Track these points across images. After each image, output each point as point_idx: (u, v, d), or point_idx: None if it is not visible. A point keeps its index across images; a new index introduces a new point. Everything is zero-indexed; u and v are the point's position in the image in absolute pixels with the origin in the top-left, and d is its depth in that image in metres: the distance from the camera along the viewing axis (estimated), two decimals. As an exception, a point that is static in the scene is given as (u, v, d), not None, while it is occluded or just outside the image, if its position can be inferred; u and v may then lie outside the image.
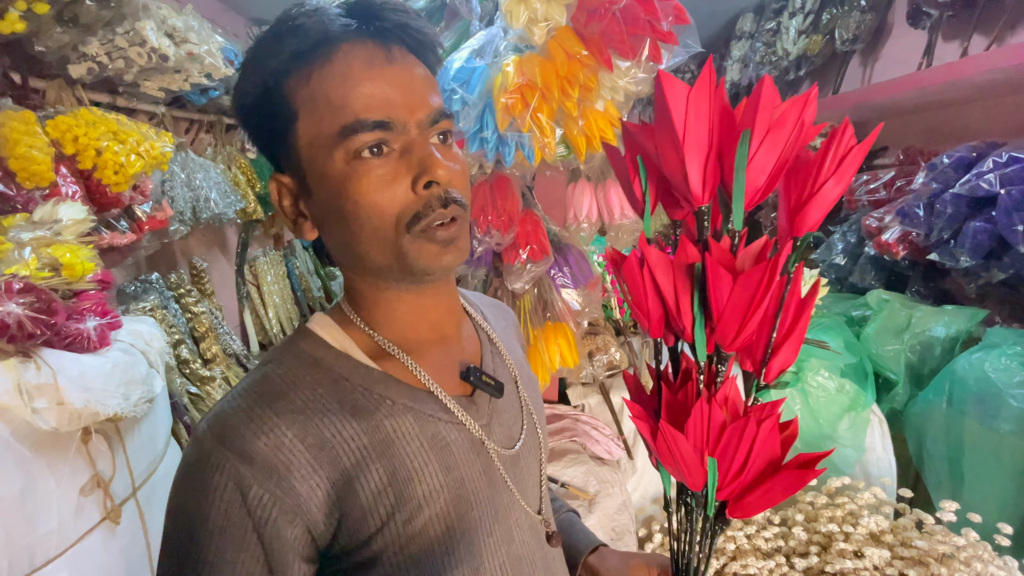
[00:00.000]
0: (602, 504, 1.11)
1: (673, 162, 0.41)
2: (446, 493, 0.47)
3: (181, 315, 2.04)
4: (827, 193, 0.40)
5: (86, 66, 1.49)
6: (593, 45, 0.85)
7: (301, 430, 0.43)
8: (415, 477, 0.46)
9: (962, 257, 1.35)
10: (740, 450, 0.43)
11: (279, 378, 0.46)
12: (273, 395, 0.44)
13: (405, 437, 0.46)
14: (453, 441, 0.49)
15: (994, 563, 0.97)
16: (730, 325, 0.42)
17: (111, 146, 1.37)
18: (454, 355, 0.54)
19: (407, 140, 0.44)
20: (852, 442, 1.32)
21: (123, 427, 1.08)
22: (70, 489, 0.96)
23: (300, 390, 0.45)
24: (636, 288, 0.45)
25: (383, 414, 0.46)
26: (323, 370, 0.47)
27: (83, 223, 1.17)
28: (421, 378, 0.49)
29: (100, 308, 1.05)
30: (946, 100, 1.72)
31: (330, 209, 0.45)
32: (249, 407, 0.43)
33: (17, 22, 1.21)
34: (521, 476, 0.55)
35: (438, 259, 0.46)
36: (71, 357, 0.95)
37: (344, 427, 0.44)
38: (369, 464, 0.44)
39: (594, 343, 1.40)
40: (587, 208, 1.20)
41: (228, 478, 0.40)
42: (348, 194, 0.43)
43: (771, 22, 2.46)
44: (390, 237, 0.44)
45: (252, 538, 0.40)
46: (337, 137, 0.43)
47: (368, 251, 0.46)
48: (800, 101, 0.39)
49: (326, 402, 0.45)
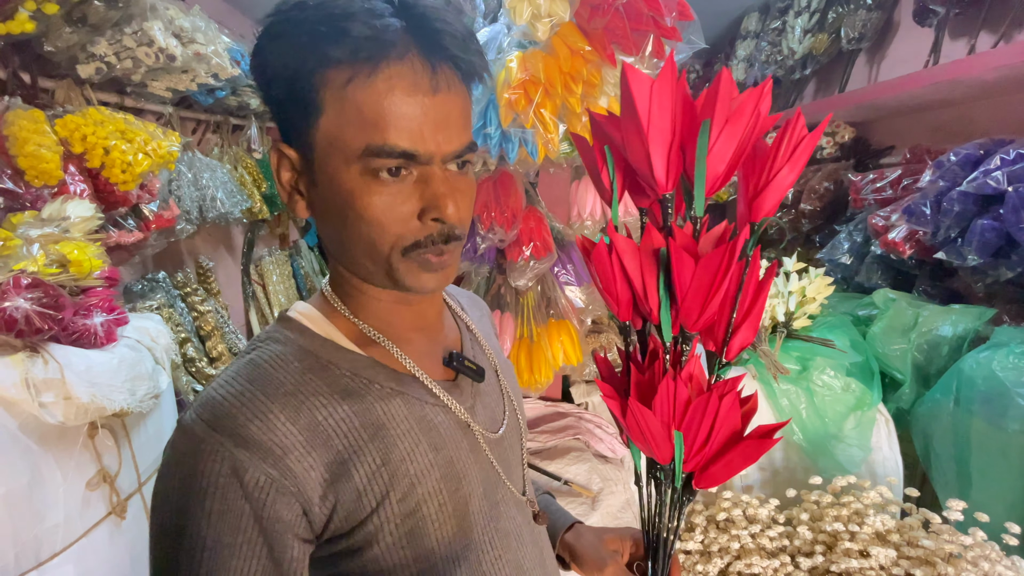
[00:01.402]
0: (605, 502, 1.10)
1: (638, 151, 0.43)
2: (436, 471, 0.48)
3: (187, 313, 2.06)
4: (782, 180, 0.43)
5: (94, 66, 1.50)
6: (596, 41, 0.85)
7: (293, 412, 0.43)
8: (407, 457, 0.46)
9: (969, 255, 1.34)
10: (704, 424, 0.46)
11: (267, 363, 0.45)
12: (262, 379, 0.44)
13: (395, 419, 0.47)
14: (440, 423, 0.50)
15: (1002, 563, 0.96)
16: (693, 307, 0.44)
17: (119, 145, 1.38)
18: (436, 343, 0.55)
19: (427, 171, 0.44)
20: (858, 441, 1.31)
21: (129, 422, 1.08)
22: (76, 483, 0.97)
23: (289, 374, 0.45)
24: (605, 273, 0.47)
25: (373, 397, 0.47)
26: (310, 356, 0.47)
27: (91, 221, 1.18)
28: (406, 364, 0.50)
29: (107, 304, 1.06)
30: (953, 98, 1.71)
31: (332, 208, 0.45)
32: (239, 392, 0.43)
33: (27, 22, 1.22)
34: (506, 457, 0.56)
35: (424, 283, 0.46)
36: (78, 352, 0.96)
37: (335, 409, 0.45)
38: (362, 446, 0.44)
39: (598, 341, 1.40)
40: (590, 206, 1.19)
41: (223, 463, 0.40)
42: (354, 205, 0.43)
43: (776, 21, 2.45)
44: (383, 253, 0.45)
45: (250, 521, 0.40)
46: (360, 153, 0.42)
47: (359, 257, 0.46)
48: (756, 93, 0.41)
49: (316, 385, 0.45)
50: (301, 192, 0.47)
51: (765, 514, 1.15)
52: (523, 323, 1.13)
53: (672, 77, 0.41)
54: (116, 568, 1.04)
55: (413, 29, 0.42)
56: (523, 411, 0.64)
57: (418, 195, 0.44)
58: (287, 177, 0.47)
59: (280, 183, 0.48)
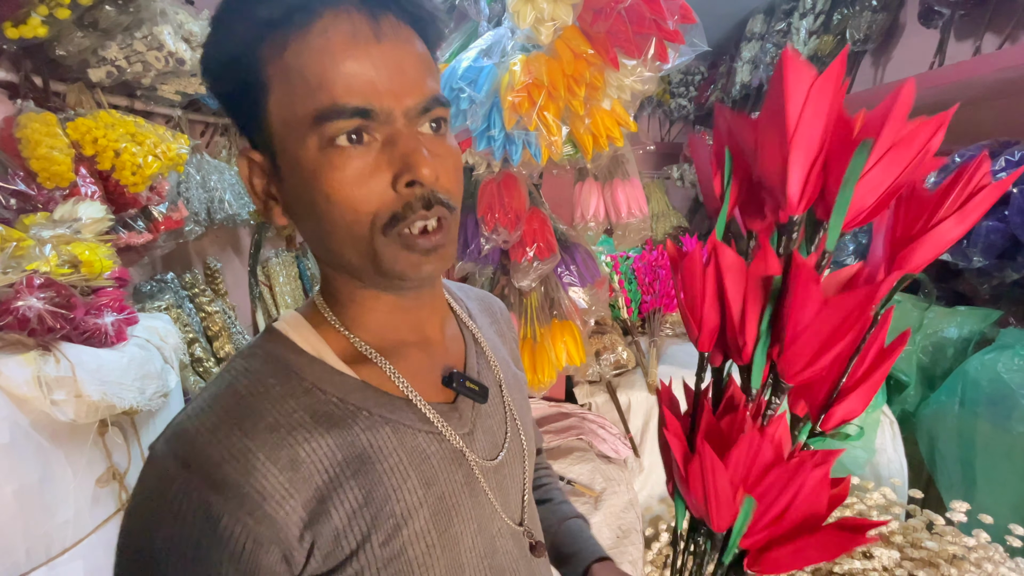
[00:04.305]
0: (608, 502, 1.11)
1: (773, 160, 0.35)
2: (426, 510, 0.43)
3: (195, 314, 2.08)
4: (944, 233, 0.34)
5: (105, 70, 1.53)
6: (599, 44, 0.86)
7: (273, 450, 0.38)
8: (393, 495, 0.42)
9: (975, 257, 1.34)
10: (783, 496, 0.38)
11: (246, 390, 0.41)
12: (241, 411, 0.40)
13: (382, 452, 0.43)
14: (433, 453, 0.45)
15: (1005, 564, 0.96)
16: (801, 354, 0.36)
17: (129, 147, 1.40)
18: (436, 358, 0.50)
19: (392, 131, 0.39)
20: (862, 443, 1.31)
21: (138, 420, 1.10)
22: (87, 480, 0.98)
23: (270, 403, 0.40)
24: (694, 289, 0.39)
25: (360, 427, 0.42)
26: (294, 378, 0.42)
27: (102, 222, 1.20)
28: (400, 385, 0.45)
29: (117, 304, 1.08)
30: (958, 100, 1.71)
31: (302, 199, 0.41)
32: (215, 426, 0.39)
33: (39, 27, 1.24)
34: (504, 485, 0.52)
35: (417, 268, 0.41)
36: (89, 351, 0.98)
37: (319, 443, 0.40)
38: (343, 483, 0.40)
39: (601, 342, 1.40)
40: (594, 207, 1.20)
41: (196, 506, 0.36)
42: (320, 186, 0.39)
43: (781, 23, 2.45)
44: (364, 236, 0.40)
45: (227, 569, 0.36)
46: (311, 122, 0.38)
47: (341, 249, 0.41)
48: (932, 123, 0.33)
49: (299, 416, 0.41)
50: (274, 197, 0.43)
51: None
52: (527, 323, 1.14)
53: (838, 78, 0.33)
54: (125, 564, 1.05)
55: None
56: (529, 430, 0.59)
57: (387, 160, 0.39)
58: (259, 185, 0.43)
59: (254, 193, 0.44)
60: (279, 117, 0.39)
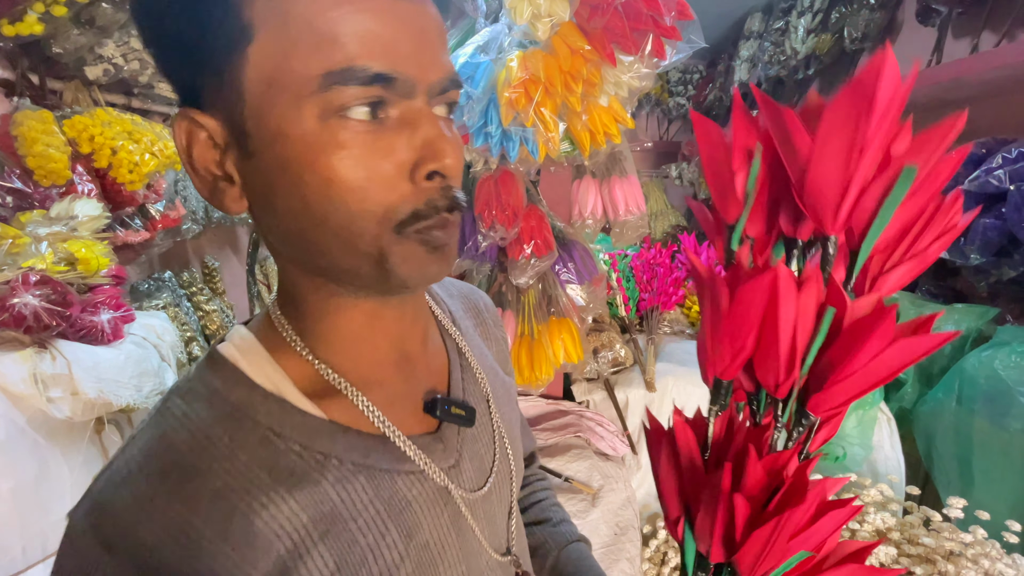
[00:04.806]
0: (606, 499, 1.11)
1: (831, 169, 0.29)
2: (408, 564, 0.37)
3: (193, 313, 2.08)
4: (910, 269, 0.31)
5: (102, 67, 1.52)
6: (596, 40, 0.86)
7: (222, 524, 0.31)
8: (370, 555, 0.36)
9: (972, 255, 1.34)
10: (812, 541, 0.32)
11: (186, 445, 0.33)
12: (180, 473, 0.32)
13: (356, 507, 0.36)
14: (415, 498, 0.39)
15: (1002, 561, 0.96)
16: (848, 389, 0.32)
17: (126, 145, 1.40)
18: (417, 379, 0.43)
19: (409, 108, 0.32)
20: (859, 440, 1.31)
21: (135, 418, 1.10)
22: (83, 477, 0.98)
23: (217, 461, 0.32)
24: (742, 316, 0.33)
25: (329, 481, 0.35)
26: (247, 424, 0.34)
27: (98, 220, 1.20)
28: (375, 420, 0.38)
29: (114, 302, 1.08)
30: (955, 98, 1.71)
31: (281, 181, 0.32)
32: (148, 495, 0.31)
33: (35, 24, 1.24)
34: (491, 514, 0.46)
35: (424, 269, 0.35)
36: (85, 349, 0.98)
37: (280, 507, 0.33)
38: (310, 550, 0.33)
39: (599, 340, 1.40)
40: (592, 205, 1.20)
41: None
42: (316, 166, 0.31)
43: (779, 21, 2.45)
44: (368, 233, 0.32)
45: None
46: (317, 83, 0.29)
47: (330, 247, 0.33)
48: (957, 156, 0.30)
49: (253, 474, 0.33)
50: (229, 176, 0.33)
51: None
52: (524, 321, 1.14)
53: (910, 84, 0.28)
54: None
55: None
56: (517, 445, 0.52)
57: (405, 144, 0.32)
58: (205, 158, 0.33)
59: (193, 169, 0.33)
60: (262, 72, 0.30)
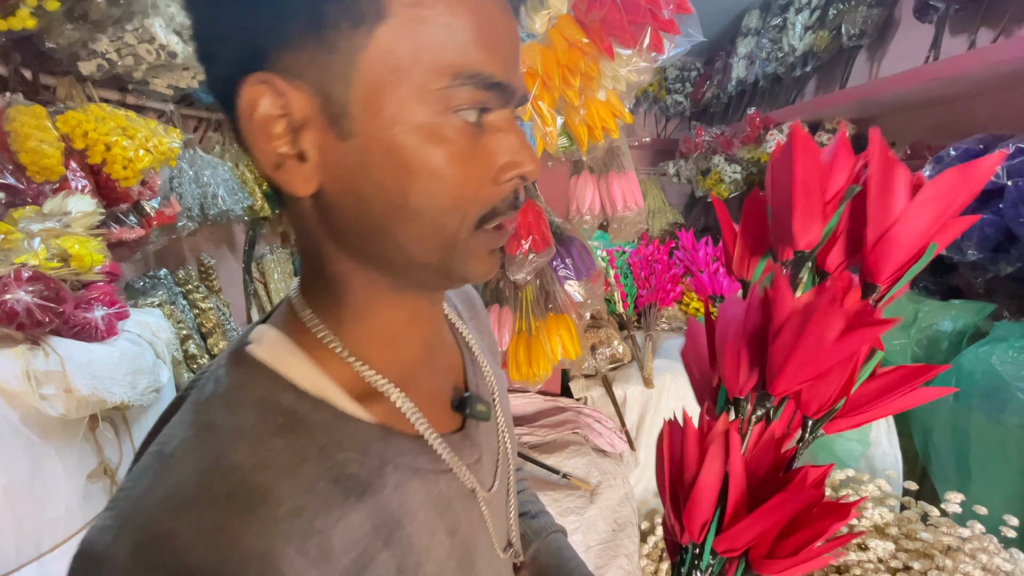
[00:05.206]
0: (604, 496, 1.11)
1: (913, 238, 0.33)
2: (452, 562, 0.38)
3: (189, 311, 2.06)
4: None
5: (96, 63, 1.51)
6: (594, 33, 0.86)
7: (302, 541, 0.29)
8: (424, 556, 0.36)
9: (969, 250, 1.34)
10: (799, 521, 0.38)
11: (247, 462, 0.30)
12: (249, 496, 0.29)
13: (412, 510, 0.36)
14: (452, 495, 0.39)
15: (1000, 555, 0.96)
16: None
17: (120, 141, 1.39)
18: (442, 378, 0.44)
19: (504, 116, 0.34)
20: (857, 436, 1.31)
21: (130, 416, 1.09)
22: (77, 475, 0.97)
23: (283, 478, 0.30)
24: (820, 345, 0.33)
25: (389, 488, 0.34)
26: (302, 434, 0.32)
27: (92, 216, 1.19)
28: (415, 421, 0.38)
29: (108, 298, 1.07)
30: (953, 94, 1.71)
31: (381, 166, 0.31)
32: (219, 524, 0.27)
33: (28, 19, 1.23)
34: (499, 510, 0.46)
35: (484, 267, 0.36)
36: (79, 345, 0.97)
37: (351, 519, 0.32)
38: (375, 557, 0.33)
39: (597, 336, 1.40)
40: (589, 200, 1.20)
41: None
42: (425, 156, 0.30)
43: (777, 18, 2.45)
44: (451, 227, 0.33)
45: None
46: (445, 80, 0.30)
47: (410, 237, 0.33)
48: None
49: (322, 488, 0.31)
50: (301, 154, 0.31)
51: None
52: (522, 317, 1.13)
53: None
54: (117, 560, 1.05)
55: None
56: (514, 438, 0.53)
57: (498, 147, 0.33)
58: (276, 130, 0.30)
59: (256, 142, 0.31)
60: (388, 56, 0.29)
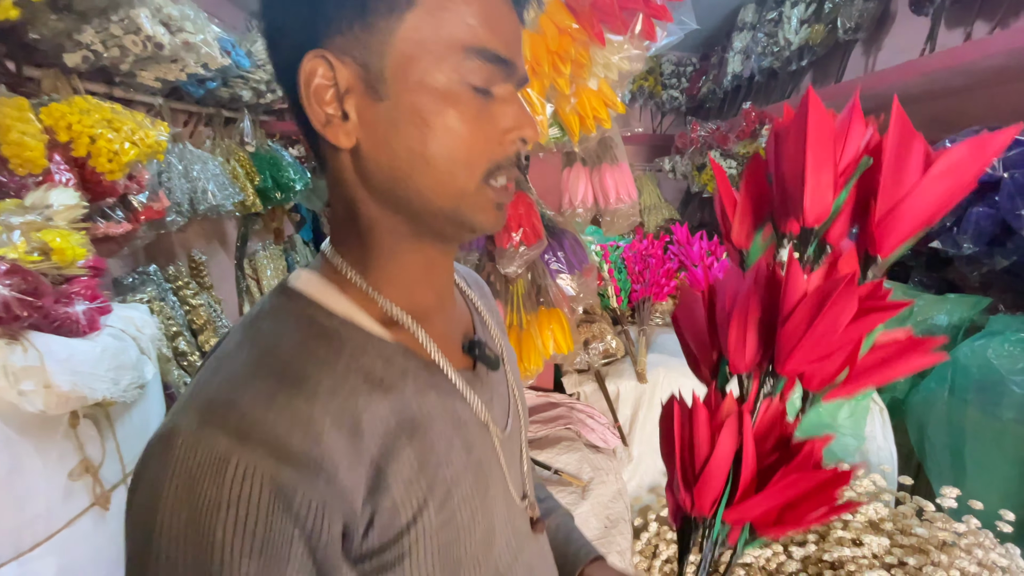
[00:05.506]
0: (596, 492, 1.09)
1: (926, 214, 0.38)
2: (470, 475, 0.44)
3: (179, 307, 2.04)
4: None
5: (81, 54, 1.49)
6: (584, 19, 0.84)
7: (337, 417, 0.36)
8: (444, 460, 0.41)
9: (965, 244, 1.33)
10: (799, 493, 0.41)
11: (289, 354, 0.38)
12: (293, 375, 0.37)
13: (431, 416, 0.42)
14: (468, 419, 0.45)
15: (996, 550, 0.95)
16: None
17: (104, 134, 1.36)
18: (455, 325, 0.50)
19: (508, 89, 0.41)
20: (852, 431, 1.30)
21: (113, 412, 1.07)
22: (58, 473, 0.95)
23: (319, 367, 0.38)
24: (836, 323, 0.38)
25: (410, 391, 0.41)
26: (334, 341, 0.40)
27: (75, 209, 1.17)
28: (431, 351, 0.44)
29: (90, 293, 1.04)
30: (949, 88, 1.70)
31: (408, 124, 0.38)
32: (270, 393, 0.35)
33: (11, 8, 1.20)
34: (513, 456, 0.52)
35: (490, 220, 0.42)
36: (59, 340, 0.94)
37: (377, 409, 0.39)
38: (400, 450, 0.39)
39: (590, 331, 1.39)
40: (582, 193, 1.18)
41: (263, 486, 0.33)
42: (445, 116, 0.38)
43: (773, 12, 2.44)
44: (462, 178, 0.39)
45: (300, 547, 0.34)
46: (459, 53, 0.38)
47: (431, 187, 0.40)
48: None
49: (353, 379, 0.39)
50: (346, 113, 0.39)
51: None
52: (513, 311, 1.12)
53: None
54: (101, 559, 1.03)
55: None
56: (524, 402, 0.59)
57: (500, 113, 0.41)
58: (328, 93, 0.39)
59: (311, 101, 0.39)
60: (417, 32, 0.38)
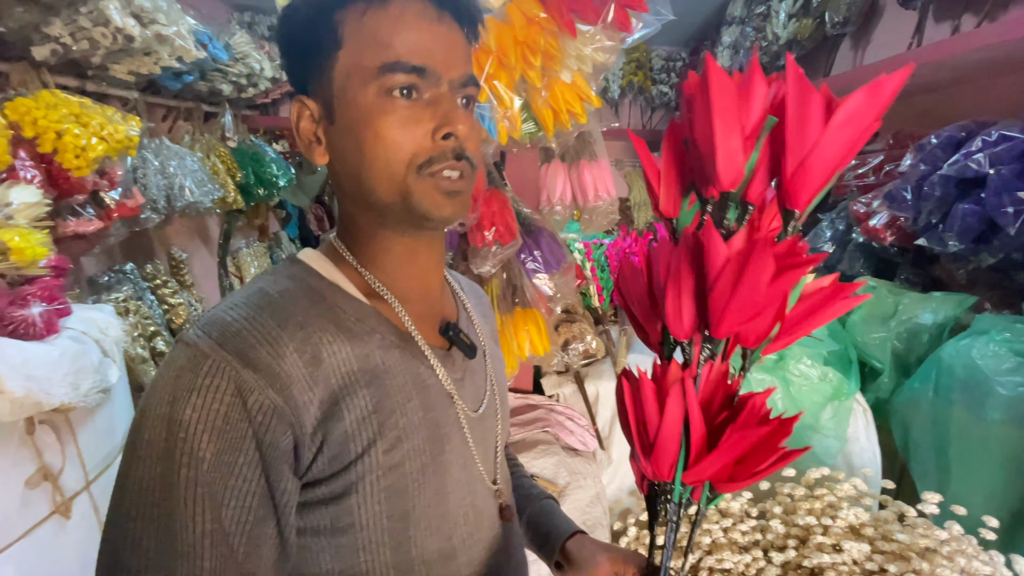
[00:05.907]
0: (573, 496, 1.07)
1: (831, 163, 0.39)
2: (424, 431, 0.49)
3: (157, 306, 2.00)
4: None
5: (49, 47, 1.44)
6: (553, 8, 0.80)
7: (301, 344, 0.43)
8: (398, 409, 0.47)
9: (950, 241, 1.31)
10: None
11: (276, 295, 0.46)
12: (273, 308, 0.45)
13: (392, 371, 0.48)
14: (431, 385, 0.51)
15: (979, 558, 0.93)
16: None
17: (71, 129, 1.32)
18: (435, 309, 0.56)
19: (437, 93, 0.47)
20: (834, 432, 1.28)
21: (74, 418, 1.03)
22: (14, 481, 0.92)
23: (298, 309, 0.46)
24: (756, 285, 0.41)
25: (374, 345, 0.48)
26: (317, 295, 0.48)
27: (36, 207, 1.13)
28: (405, 322, 0.51)
29: (47, 294, 1.01)
30: (936, 82, 1.68)
31: (350, 137, 0.47)
32: (250, 316, 0.43)
33: (-31, -1, 1.16)
34: (484, 439, 0.58)
35: (440, 208, 0.48)
36: (13, 344, 0.91)
37: (339, 348, 0.46)
38: (357, 389, 0.45)
39: (570, 331, 1.36)
40: (560, 190, 1.15)
41: (228, 381, 0.40)
42: (372, 125, 0.46)
43: (761, 6, 2.40)
44: (399, 174, 0.46)
45: (251, 444, 0.40)
46: (375, 72, 0.45)
47: (376, 185, 0.47)
48: None
49: (323, 323, 0.46)
50: (319, 139, 0.50)
51: (738, 507, 1.12)
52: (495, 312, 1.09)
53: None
54: (62, 569, 1.00)
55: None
56: (506, 399, 0.65)
57: (429, 115, 0.47)
58: (307, 128, 0.50)
59: (299, 134, 0.50)
60: (346, 67, 0.46)
